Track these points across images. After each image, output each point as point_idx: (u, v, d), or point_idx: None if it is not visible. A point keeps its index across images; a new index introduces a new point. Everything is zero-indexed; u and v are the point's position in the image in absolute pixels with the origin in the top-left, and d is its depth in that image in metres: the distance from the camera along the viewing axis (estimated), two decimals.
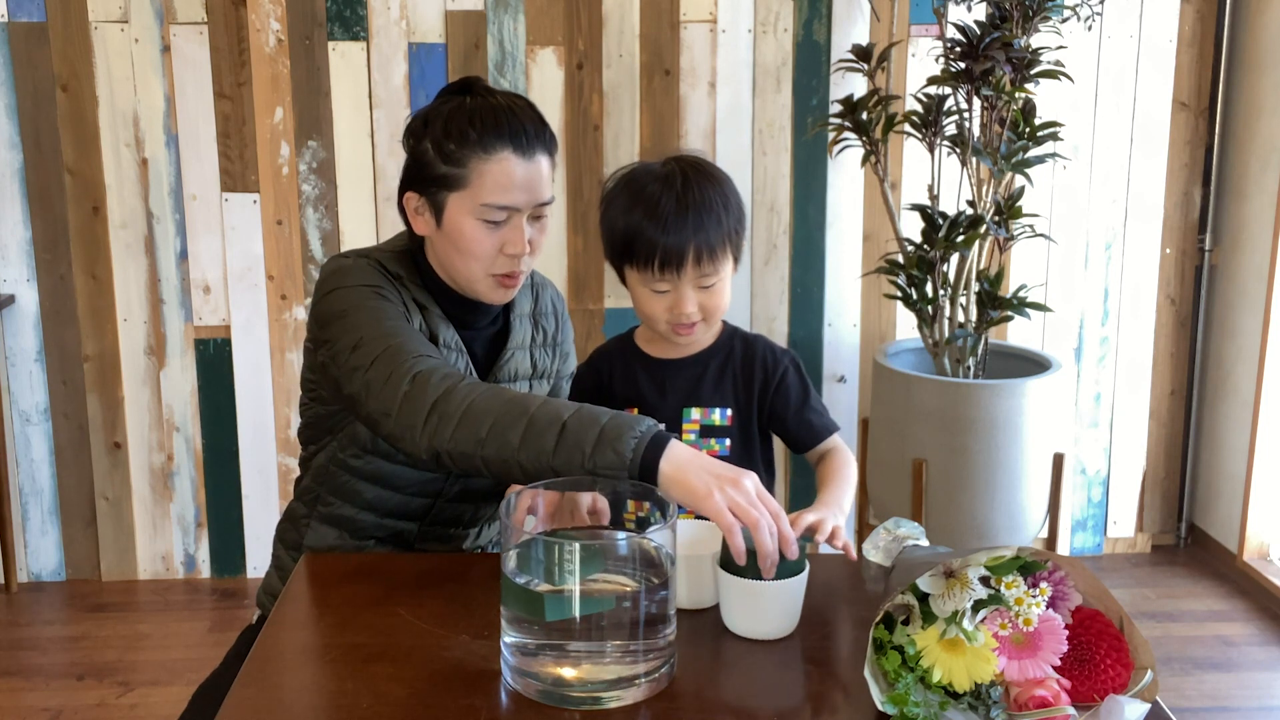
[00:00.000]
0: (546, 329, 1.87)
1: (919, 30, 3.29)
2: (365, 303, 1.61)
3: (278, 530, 1.87)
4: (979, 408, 2.93)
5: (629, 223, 1.63)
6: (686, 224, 1.60)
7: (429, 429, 1.46)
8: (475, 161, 1.60)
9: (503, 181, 1.60)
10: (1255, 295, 3.34)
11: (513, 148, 1.60)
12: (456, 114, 1.62)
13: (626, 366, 1.76)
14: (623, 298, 3.34)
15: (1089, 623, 1.22)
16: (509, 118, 1.61)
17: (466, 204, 1.61)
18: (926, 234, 3.00)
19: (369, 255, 1.70)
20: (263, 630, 1.43)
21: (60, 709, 2.74)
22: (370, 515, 1.76)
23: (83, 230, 3.23)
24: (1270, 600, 3.24)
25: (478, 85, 1.67)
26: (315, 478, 1.79)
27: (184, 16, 3.14)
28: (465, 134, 1.59)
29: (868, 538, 1.43)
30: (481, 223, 1.61)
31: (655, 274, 1.63)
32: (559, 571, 1.21)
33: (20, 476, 3.36)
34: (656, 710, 1.22)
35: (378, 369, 1.53)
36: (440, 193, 1.63)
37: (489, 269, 1.65)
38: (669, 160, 1.67)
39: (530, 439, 1.41)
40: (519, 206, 1.62)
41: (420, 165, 1.64)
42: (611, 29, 3.22)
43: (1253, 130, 3.36)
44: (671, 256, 1.61)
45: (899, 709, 1.16)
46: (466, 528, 1.85)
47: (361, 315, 1.60)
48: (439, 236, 1.66)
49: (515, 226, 1.63)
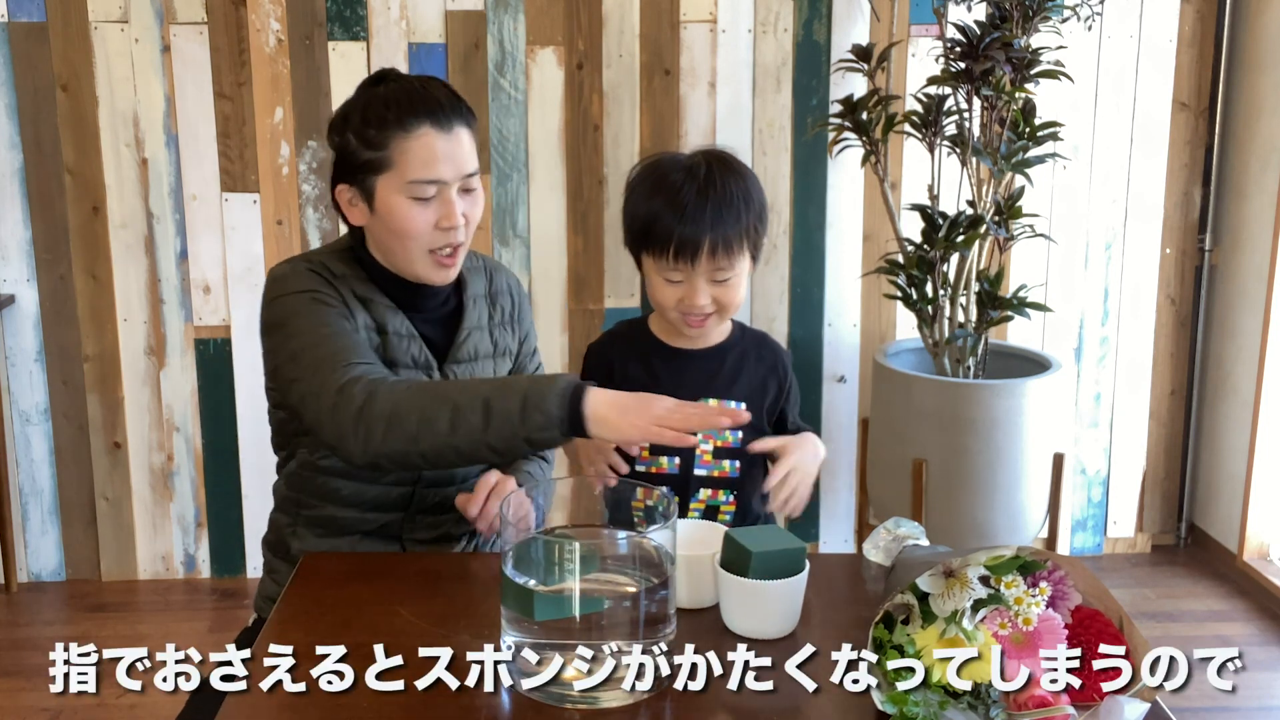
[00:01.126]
0: (504, 307, 1.88)
1: (919, 30, 3.29)
2: (301, 309, 1.64)
3: (265, 540, 1.88)
4: (979, 408, 2.93)
5: (649, 209, 1.65)
6: (705, 215, 1.62)
7: (360, 438, 1.49)
8: (397, 141, 1.63)
9: (425, 156, 1.63)
10: (1255, 295, 3.34)
11: (430, 122, 1.63)
12: (373, 101, 1.66)
13: (641, 353, 1.77)
14: (623, 298, 3.35)
15: (1089, 623, 1.22)
16: (422, 95, 1.65)
17: (394, 183, 1.64)
18: (926, 234, 3.00)
19: (309, 259, 1.73)
20: (263, 630, 1.43)
21: (60, 709, 2.73)
22: (353, 511, 1.76)
23: (83, 230, 3.23)
24: (1270, 600, 3.24)
25: (391, 74, 1.71)
26: (291, 485, 1.80)
27: (184, 16, 3.14)
28: (383, 117, 1.63)
29: (868, 538, 1.43)
30: (412, 200, 1.64)
31: (670, 262, 1.64)
32: (558, 571, 1.21)
33: (20, 476, 3.36)
34: (656, 710, 1.22)
35: (309, 381, 1.57)
36: (368, 178, 1.66)
37: (427, 245, 1.67)
38: (696, 152, 1.70)
39: (460, 423, 1.45)
40: (446, 179, 1.65)
41: (345, 157, 1.68)
42: (611, 29, 3.22)
43: (1253, 130, 3.36)
44: (687, 246, 1.62)
45: (899, 709, 1.16)
46: (453, 512, 1.84)
47: (298, 323, 1.63)
48: (374, 222, 1.69)
49: (445, 200, 1.65)
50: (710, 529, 1.54)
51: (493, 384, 1.49)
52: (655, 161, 1.70)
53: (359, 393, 1.51)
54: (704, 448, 1.73)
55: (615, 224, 3.33)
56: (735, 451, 1.75)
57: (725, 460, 1.75)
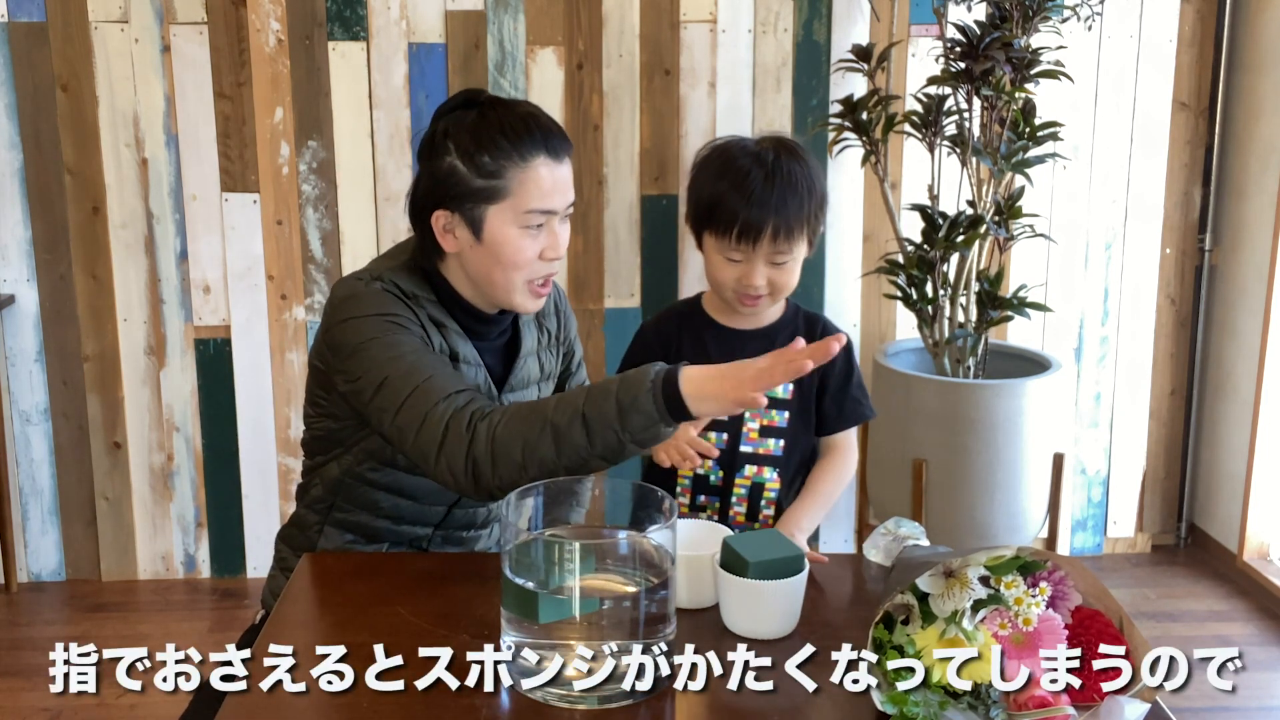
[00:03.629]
0: (550, 329, 1.88)
1: (919, 30, 3.29)
2: (384, 336, 1.60)
3: (282, 535, 1.86)
4: (979, 408, 2.93)
5: (715, 190, 1.70)
6: (770, 200, 1.67)
7: (470, 476, 1.49)
8: (513, 171, 1.61)
9: (544, 187, 1.62)
10: (1255, 295, 3.34)
11: (546, 153, 1.62)
12: (482, 126, 1.61)
13: (695, 332, 1.82)
14: (623, 298, 3.35)
15: (1089, 623, 1.22)
16: (537, 125, 1.63)
17: (508, 214, 1.62)
18: (926, 234, 3.00)
19: (381, 277, 1.67)
20: (263, 629, 1.44)
21: (60, 709, 2.73)
22: (386, 522, 1.76)
23: (83, 230, 3.23)
24: (1270, 600, 3.24)
25: (484, 96, 1.67)
26: (329, 488, 1.77)
27: (184, 16, 3.14)
28: (499, 145, 1.60)
29: (868, 538, 1.43)
30: (524, 230, 1.62)
31: (732, 243, 1.69)
32: (558, 571, 1.22)
33: (20, 476, 3.36)
34: (656, 710, 1.22)
35: (407, 414, 1.54)
36: (478, 207, 1.62)
37: (529, 276, 1.66)
38: (765, 138, 1.75)
39: (563, 444, 1.44)
40: (557, 209, 1.65)
41: (450, 182, 1.62)
42: (611, 29, 3.22)
43: (1253, 130, 3.36)
44: (750, 229, 1.67)
45: (899, 709, 1.16)
46: (479, 529, 1.85)
47: (381, 350, 1.59)
48: (475, 251, 1.64)
49: (552, 230, 1.66)
50: (710, 529, 1.55)
51: (582, 396, 1.46)
52: (724, 145, 1.75)
53: (465, 431, 1.49)
54: (750, 425, 1.78)
55: (615, 224, 3.34)
56: (780, 430, 1.79)
57: (770, 439, 1.79)
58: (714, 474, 1.81)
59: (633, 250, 3.33)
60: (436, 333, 1.67)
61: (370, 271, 1.70)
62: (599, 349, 3.35)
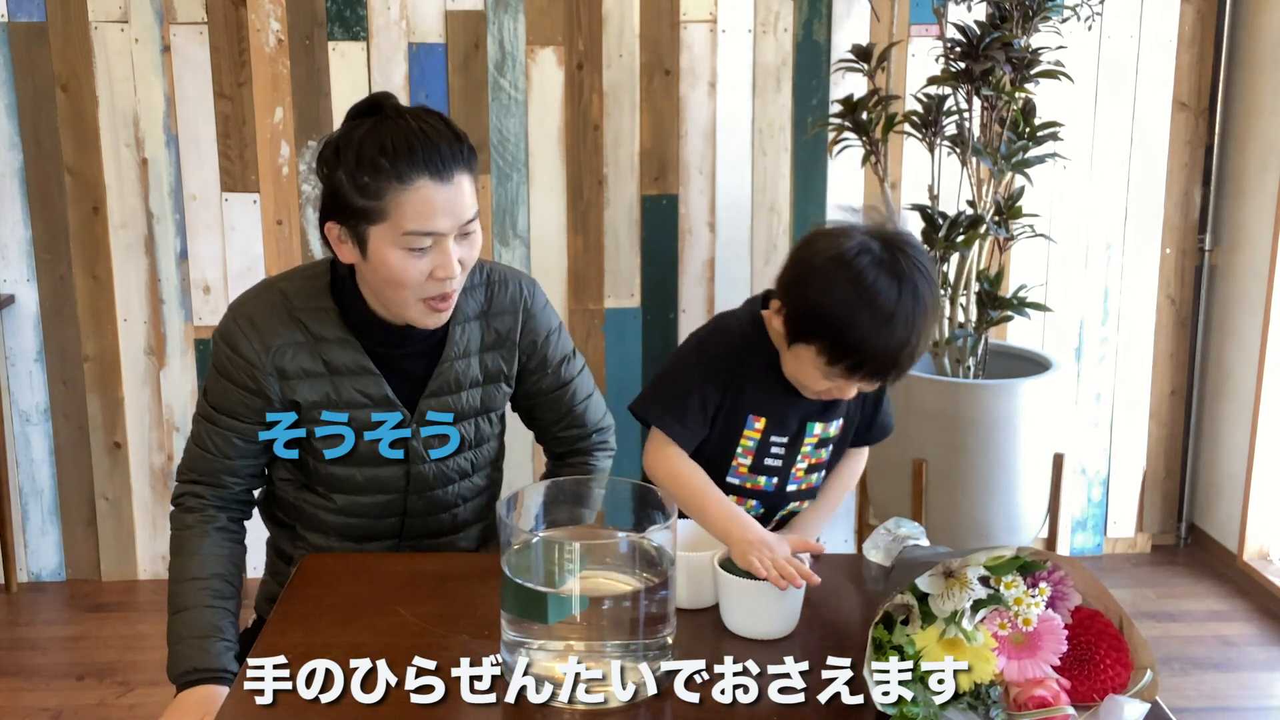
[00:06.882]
0: (500, 329, 1.76)
1: (919, 30, 3.29)
2: (211, 376, 1.77)
3: (269, 542, 1.88)
4: (979, 408, 2.93)
5: (852, 324, 1.51)
6: (899, 363, 1.54)
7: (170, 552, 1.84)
8: (392, 193, 1.53)
9: (423, 210, 1.53)
10: (1255, 295, 3.34)
11: (429, 174, 1.53)
12: (367, 142, 1.54)
13: (762, 376, 1.66)
14: (623, 298, 3.35)
15: (1089, 623, 1.22)
16: (422, 142, 1.53)
17: (388, 235, 1.55)
18: (926, 234, 3.00)
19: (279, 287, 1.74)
20: (263, 630, 1.44)
21: (60, 709, 2.73)
22: (349, 544, 1.76)
23: (83, 230, 3.23)
24: (1270, 600, 3.24)
25: (387, 104, 1.59)
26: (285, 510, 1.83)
27: (184, 16, 3.14)
28: (378, 165, 1.52)
29: (868, 538, 1.43)
30: (407, 251, 1.55)
31: (843, 373, 1.55)
32: (558, 572, 1.22)
33: (20, 476, 3.36)
34: (656, 711, 1.22)
35: (182, 460, 1.79)
36: (360, 225, 1.56)
37: (419, 295, 1.59)
38: (907, 276, 1.53)
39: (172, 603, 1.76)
40: (443, 231, 1.55)
41: (337, 196, 1.57)
42: (611, 29, 3.22)
43: (1253, 130, 3.35)
44: (875, 373, 1.55)
45: (899, 709, 1.16)
46: (450, 534, 1.82)
47: (205, 389, 1.76)
48: (364, 266, 1.61)
49: (442, 250, 1.56)
50: None
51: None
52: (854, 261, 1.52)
53: (173, 519, 1.77)
54: (799, 466, 1.71)
55: (615, 224, 3.34)
56: (824, 465, 1.75)
57: (814, 474, 1.75)
58: (755, 510, 1.72)
59: (633, 250, 3.33)
60: (305, 353, 1.68)
61: (268, 285, 1.77)
62: (599, 349, 3.35)
